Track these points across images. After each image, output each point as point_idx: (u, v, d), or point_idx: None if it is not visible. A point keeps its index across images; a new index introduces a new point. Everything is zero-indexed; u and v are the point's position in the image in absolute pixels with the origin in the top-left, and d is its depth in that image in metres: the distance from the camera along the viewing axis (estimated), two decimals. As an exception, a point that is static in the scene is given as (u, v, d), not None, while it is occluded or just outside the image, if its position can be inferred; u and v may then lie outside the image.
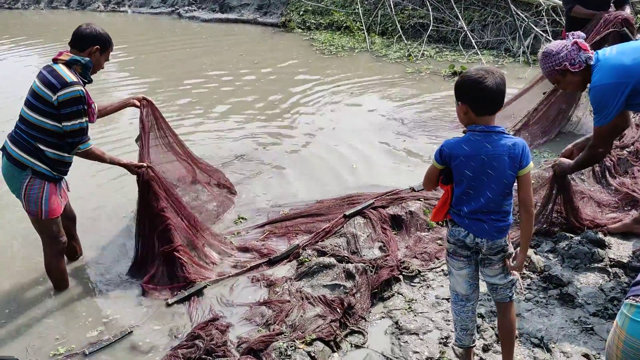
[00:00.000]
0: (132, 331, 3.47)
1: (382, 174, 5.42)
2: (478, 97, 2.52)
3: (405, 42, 10.11)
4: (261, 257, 4.11)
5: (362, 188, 5.05)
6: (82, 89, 3.46)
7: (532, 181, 4.39)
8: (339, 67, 9.32)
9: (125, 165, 3.93)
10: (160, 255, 3.97)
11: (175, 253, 3.93)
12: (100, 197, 5.14)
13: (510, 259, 2.69)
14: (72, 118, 3.46)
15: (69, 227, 3.97)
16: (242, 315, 3.56)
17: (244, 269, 3.98)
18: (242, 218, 4.72)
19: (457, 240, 2.71)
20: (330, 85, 8.31)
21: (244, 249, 4.24)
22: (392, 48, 10.13)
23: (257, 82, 8.73)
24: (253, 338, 3.24)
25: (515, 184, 2.62)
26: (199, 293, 3.76)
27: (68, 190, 3.89)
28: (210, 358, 3.17)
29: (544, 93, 5.88)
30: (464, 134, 2.62)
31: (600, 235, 3.90)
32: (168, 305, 3.69)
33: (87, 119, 3.55)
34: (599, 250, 3.76)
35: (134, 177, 4.00)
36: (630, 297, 1.77)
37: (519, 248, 2.69)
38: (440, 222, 4.21)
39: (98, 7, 17.00)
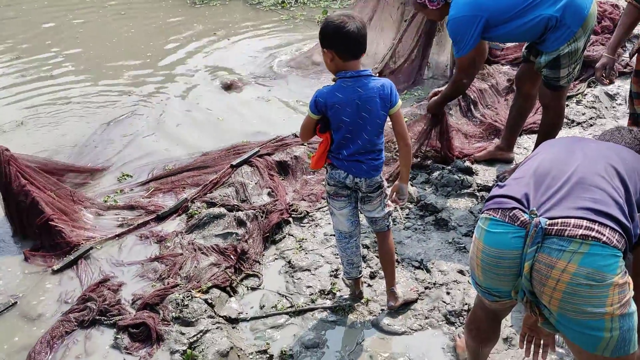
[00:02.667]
0: (16, 302, 3.31)
1: (263, 124, 5.42)
2: (342, 43, 2.59)
3: (279, -11, 9.99)
4: (148, 214, 4.04)
5: (245, 137, 5.05)
6: None
7: (406, 118, 4.71)
8: (212, 17, 9.05)
9: None
10: (37, 230, 3.80)
11: (50, 222, 3.77)
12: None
13: (394, 193, 2.89)
14: None
15: None
16: (134, 273, 3.51)
17: (131, 227, 3.89)
18: (127, 175, 4.58)
19: (337, 182, 2.85)
20: (204, 36, 8.07)
21: (129, 207, 4.12)
22: (266, -5, 9.98)
23: (126, 35, 8.27)
24: (148, 293, 3.23)
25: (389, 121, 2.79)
26: (86, 256, 3.65)
27: None
28: (105, 318, 3.13)
29: (405, 20, 5.93)
30: (334, 82, 2.71)
31: (468, 163, 4.26)
32: (54, 271, 3.54)
33: None
34: (468, 177, 4.11)
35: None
36: (485, 212, 1.98)
37: (397, 181, 2.90)
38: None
39: None
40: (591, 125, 4.84)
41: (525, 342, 2.41)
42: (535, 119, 4.78)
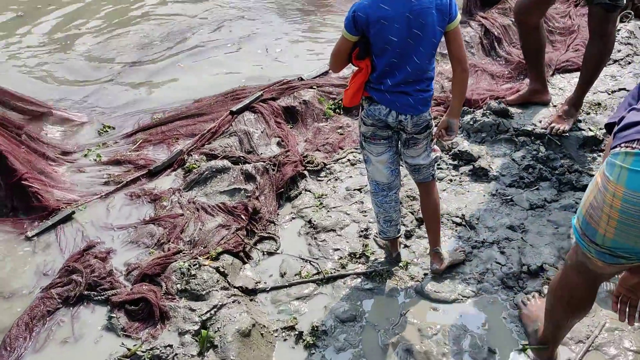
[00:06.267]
0: (-16, 277, 2.76)
1: (263, 66, 4.80)
2: None
3: None
4: (138, 170, 3.46)
5: (244, 82, 4.44)
6: None
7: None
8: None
9: None
10: (7, 191, 3.21)
11: (23, 182, 3.18)
12: None
13: (444, 130, 2.38)
14: None
15: None
16: (126, 238, 2.98)
17: (119, 184, 3.32)
18: (109, 127, 3.95)
19: (376, 120, 2.31)
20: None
21: (115, 162, 3.54)
22: None
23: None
24: (145, 262, 2.71)
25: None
26: (67, 219, 3.08)
27: None
28: (95, 293, 2.61)
29: None
30: None
31: (503, 105, 3.73)
32: (28, 238, 2.98)
33: None
34: (504, 120, 3.60)
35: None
36: (622, 145, 1.47)
37: (445, 116, 2.38)
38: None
39: None
40: (629, 63, 4.34)
41: (619, 304, 1.95)
42: (568, 56, 4.28)
